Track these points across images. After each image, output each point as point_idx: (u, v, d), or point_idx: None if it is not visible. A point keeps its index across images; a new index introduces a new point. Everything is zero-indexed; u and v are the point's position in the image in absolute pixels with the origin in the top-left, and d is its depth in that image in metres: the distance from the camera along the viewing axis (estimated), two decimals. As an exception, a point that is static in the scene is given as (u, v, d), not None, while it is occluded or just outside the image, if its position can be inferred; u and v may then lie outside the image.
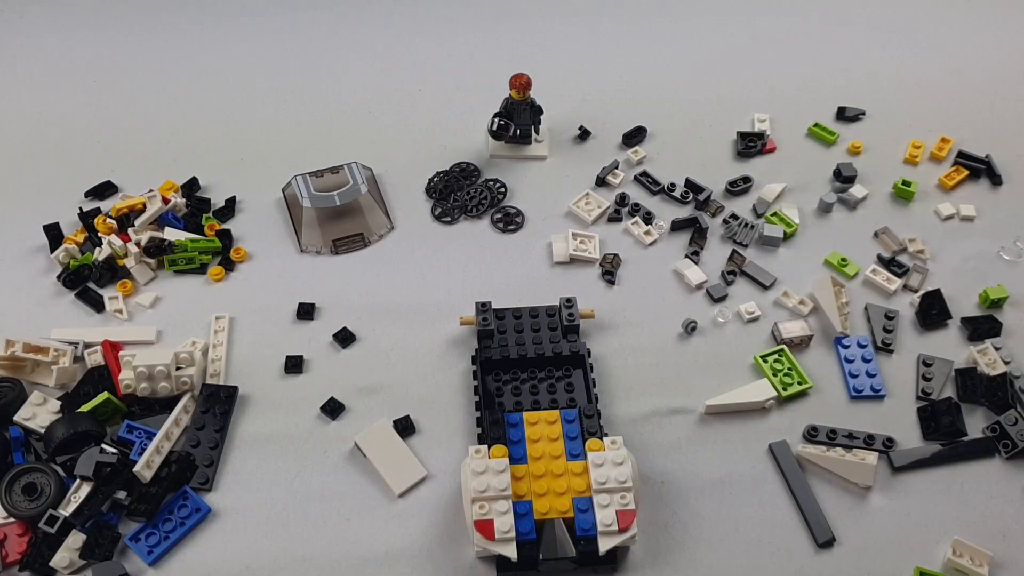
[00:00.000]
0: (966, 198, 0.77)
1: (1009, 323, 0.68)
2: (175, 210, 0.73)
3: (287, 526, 0.57)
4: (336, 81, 0.87)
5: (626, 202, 0.76)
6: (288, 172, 0.76)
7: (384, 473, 0.59)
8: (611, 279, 0.70)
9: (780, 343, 0.66)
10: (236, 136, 0.82)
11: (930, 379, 0.64)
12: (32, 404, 0.60)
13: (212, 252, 0.72)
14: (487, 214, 0.76)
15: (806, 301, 0.69)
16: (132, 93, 0.86)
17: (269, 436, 0.61)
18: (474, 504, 0.53)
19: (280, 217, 0.75)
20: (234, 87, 0.87)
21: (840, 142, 0.82)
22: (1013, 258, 0.73)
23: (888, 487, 0.59)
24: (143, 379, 0.60)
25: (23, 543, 0.55)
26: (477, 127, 0.82)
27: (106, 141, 0.81)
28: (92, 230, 0.72)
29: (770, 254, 0.73)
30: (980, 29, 0.93)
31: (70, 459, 0.57)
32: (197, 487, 0.58)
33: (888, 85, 0.87)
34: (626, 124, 0.82)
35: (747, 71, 0.89)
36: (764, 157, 0.81)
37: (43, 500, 0.55)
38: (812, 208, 0.76)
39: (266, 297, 0.69)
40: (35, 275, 0.70)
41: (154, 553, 0.55)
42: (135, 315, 0.68)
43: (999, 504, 0.59)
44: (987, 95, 0.86)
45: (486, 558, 0.55)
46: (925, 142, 0.81)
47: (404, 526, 0.57)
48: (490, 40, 0.92)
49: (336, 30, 0.92)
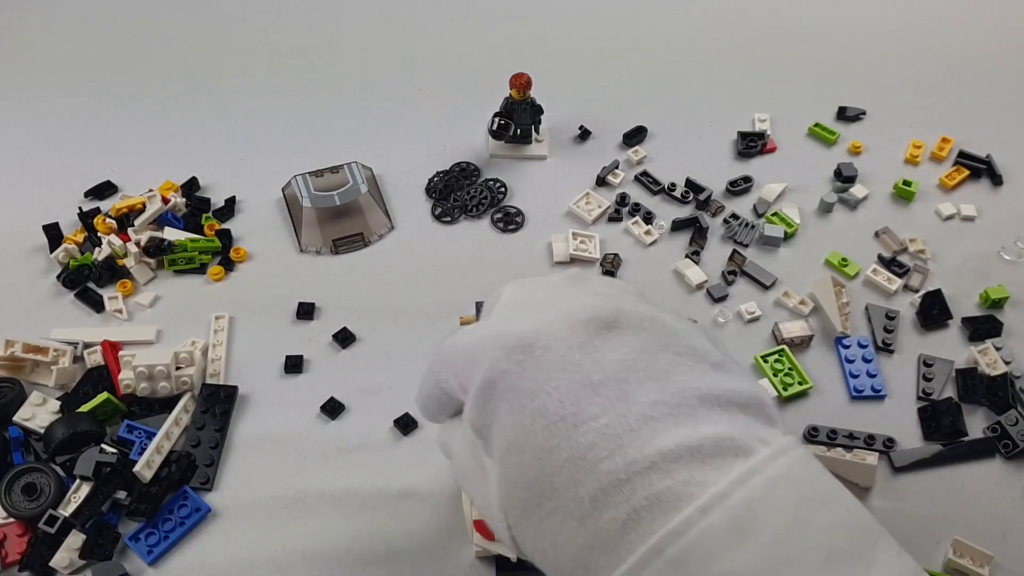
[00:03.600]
0: (967, 198, 0.77)
1: (1010, 323, 0.68)
2: (175, 210, 0.73)
3: (287, 526, 0.57)
4: (336, 80, 0.87)
5: (626, 202, 0.76)
6: (288, 172, 0.76)
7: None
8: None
9: (780, 343, 0.66)
10: (236, 136, 0.82)
11: (931, 379, 0.64)
12: (31, 404, 0.60)
13: (212, 252, 0.72)
14: (487, 214, 0.75)
15: (807, 301, 0.69)
16: (132, 93, 0.86)
17: (269, 436, 0.61)
18: (474, 504, 0.53)
19: (280, 217, 0.75)
20: (233, 86, 0.87)
21: (841, 142, 0.82)
22: (1014, 258, 0.72)
23: (889, 487, 0.59)
24: (143, 379, 0.60)
25: (23, 543, 0.55)
26: (477, 127, 0.82)
27: (105, 141, 0.81)
28: (92, 230, 0.72)
29: (771, 254, 0.73)
30: (981, 29, 0.93)
31: (70, 459, 0.57)
32: (197, 487, 0.58)
33: (889, 84, 0.87)
34: (626, 124, 0.82)
35: (747, 71, 0.89)
36: (765, 157, 0.81)
37: (43, 500, 0.55)
38: (813, 208, 0.76)
39: (266, 297, 0.69)
40: (34, 275, 0.70)
41: (154, 553, 0.55)
42: (135, 315, 0.68)
43: (1000, 504, 0.59)
44: (988, 95, 0.86)
45: (486, 558, 0.55)
46: (926, 142, 0.81)
47: (404, 526, 0.57)
48: (490, 40, 0.92)
49: (336, 29, 0.92)
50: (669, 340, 0.34)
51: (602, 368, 0.32)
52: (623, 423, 0.31)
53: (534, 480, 0.32)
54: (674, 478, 0.30)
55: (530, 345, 0.33)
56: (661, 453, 0.30)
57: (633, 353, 0.33)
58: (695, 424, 0.31)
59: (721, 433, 0.31)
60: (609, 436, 0.31)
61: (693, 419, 0.31)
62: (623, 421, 0.31)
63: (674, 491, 0.30)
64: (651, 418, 0.31)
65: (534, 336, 0.33)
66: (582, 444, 0.31)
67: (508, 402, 0.33)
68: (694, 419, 0.31)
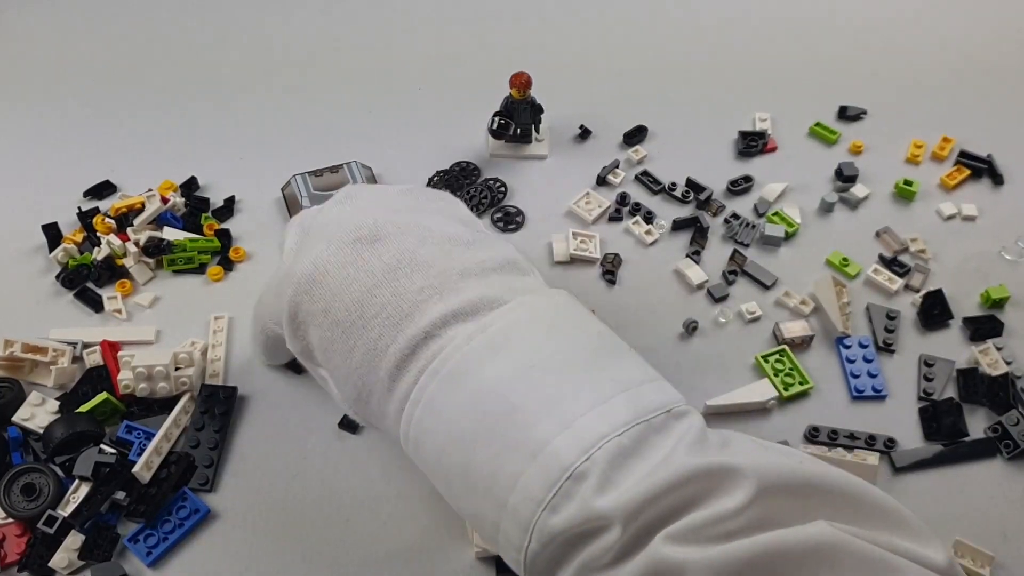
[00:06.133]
0: (968, 198, 0.77)
1: (1011, 323, 0.68)
2: (174, 209, 0.73)
3: (287, 526, 0.57)
4: (336, 79, 0.87)
5: (627, 201, 0.76)
6: (287, 171, 0.76)
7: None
8: (612, 279, 0.70)
9: (781, 343, 0.66)
10: (235, 135, 0.82)
11: (932, 379, 0.64)
12: (30, 404, 0.60)
13: (211, 252, 0.71)
14: (487, 213, 0.75)
15: (807, 301, 0.69)
16: (131, 92, 0.86)
17: (269, 437, 0.61)
18: None
19: (279, 216, 0.75)
20: (233, 85, 0.86)
21: (841, 141, 0.82)
22: (1015, 258, 0.72)
23: (890, 488, 0.59)
24: (142, 379, 0.60)
25: (22, 543, 0.55)
26: (477, 127, 0.82)
27: (104, 140, 0.81)
28: (91, 230, 0.72)
29: (771, 254, 0.73)
30: (982, 28, 0.93)
31: (69, 459, 0.57)
32: (196, 488, 0.58)
33: (890, 84, 0.87)
34: (626, 123, 0.82)
35: (748, 70, 0.89)
36: (765, 156, 0.81)
37: (42, 500, 0.55)
38: (813, 208, 0.76)
39: (265, 297, 0.69)
40: (33, 275, 0.70)
41: (153, 554, 0.55)
42: (134, 315, 0.68)
43: (1001, 505, 0.58)
44: (989, 95, 0.86)
45: (486, 558, 0.55)
46: (927, 141, 0.81)
47: (404, 526, 0.57)
48: (490, 40, 0.91)
49: (335, 29, 0.92)
50: (426, 235, 0.41)
51: (372, 275, 0.39)
52: (399, 312, 0.39)
53: (349, 376, 0.40)
54: (444, 338, 0.38)
55: (311, 277, 0.41)
56: (432, 323, 0.38)
57: (397, 255, 0.40)
58: (457, 295, 0.39)
59: (478, 293, 0.39)
60: (390, 325, 0.39)
61: (455, 291, 0.39)
62: (399, 311, 0.39)
63: (444, 347, 0.38)
64: (420, 301, 0.39)
65: (312, 268, 0.41)
66: (372, 338, 0.39)
67: (311, 324, 0.41)
68: (456, 291, 0.39)
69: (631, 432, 0.35)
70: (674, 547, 0.32)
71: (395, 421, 0.40)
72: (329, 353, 0.41)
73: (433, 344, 0.38)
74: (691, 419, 0.37)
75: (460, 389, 0.37)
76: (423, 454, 0.39)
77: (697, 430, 0.36)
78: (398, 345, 0.38)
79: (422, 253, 0.40)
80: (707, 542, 0.32)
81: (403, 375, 0.38)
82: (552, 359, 0.37)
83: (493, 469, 0.36)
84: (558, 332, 0.38)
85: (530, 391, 0.36)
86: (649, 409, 0.36)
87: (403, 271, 0.40)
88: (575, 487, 0.34)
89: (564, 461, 0.34)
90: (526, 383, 0.36)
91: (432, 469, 0.40)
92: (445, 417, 0.37)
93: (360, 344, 0.39)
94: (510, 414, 0.35)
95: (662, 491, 0.33)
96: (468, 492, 0.38)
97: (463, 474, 0.37)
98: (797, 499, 0.34)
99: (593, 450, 0.34)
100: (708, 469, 0.34)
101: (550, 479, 0.34)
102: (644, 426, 0.35)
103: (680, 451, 0.35)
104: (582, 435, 0.34)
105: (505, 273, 0.42)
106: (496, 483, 0.36)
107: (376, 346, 0.39)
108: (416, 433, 0.39)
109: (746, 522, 0.32)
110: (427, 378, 0.37)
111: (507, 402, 0.35)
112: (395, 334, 0.38)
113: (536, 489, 0.34)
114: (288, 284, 0.42)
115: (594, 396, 0.36)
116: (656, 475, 0.34)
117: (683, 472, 0.33)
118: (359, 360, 0.39)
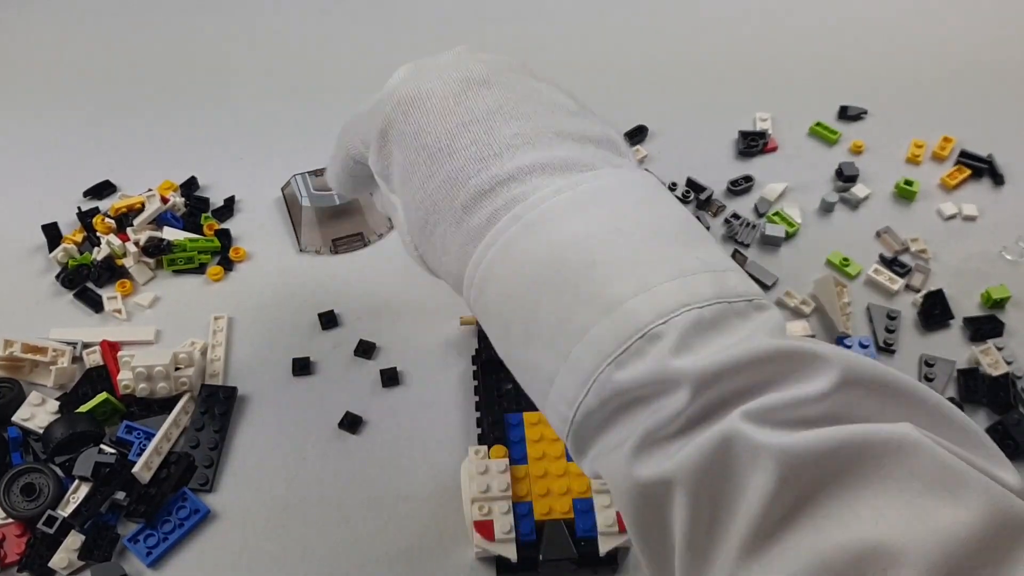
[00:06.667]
0: (968, 198, 0.77)
1: (1011, 323, 0.68)
2: (174, 209, 0.73)
3: (287, 526, 0.57)
4: (335, 79, 0.87)
5: (627, 201, 0.75)
6: (287, 171, 0.76)
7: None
8: (612, 279, 0.70)
9: (781, 343, 0.66)
10: (235, 135, 0.82)
11: (932, 379, 0.64)
12: (30, 404, 0.60)
13: (211, 252, 0.71)
14: (487, 213, 0.75)
15: (808, 301, 0.69)
16: (131, 92, 0.86)
17: (268, 437, 0.61)
18: (474, 505, 0.53)
19: (279, 217, 0.75)
20: (232, 85, 0.86)
21: (842, 141, 0.82)
22: (1015, 258, 0.72)
23: (890, 488, 0.59)
24: (142, 379, 0.60)
25: (22, 543, 0.55)
26: (477, 126, 0.81)
27: (104, 140, 0.81)
28: (91, 230, 0.72)
29: (772, 254, 0.73)
30: (983, 28, 0.93)
31: (69, 459, 0.57)
32: (196, 488, 0.58)
33: (890, 84, 0.87)
34: (627, 123, 0.82)
35: (748, 70, 0.88)
36: (766, 156, 0.81)
37: (42, 501, 0.55)
38: (814, 208, 0.76)
39: (265, 297, 0.69)
40: (33, 275, 0.70)
41: (153, 554, 0.55)
42: (134, 315, 0.68)
43: (1002, 505, 0.58)
44: (990, 95, 0.86)
45: (486, 559, 0.55)
46: (927, 141, 0.81)
47: (404, 526, 0.57)
48: (490, 40, 0.91)
49: (335, 28, 0.92)
50: (532, 95, 0.41)
51: (472, 112, 0.39)
52: (488, 150, 0.38)
53: (422, 201, 0.39)
54: (527, 184, 0.36)
55: (413, 98, 0.40)
56: (518, 168, 0.37)
57: (500, 101, 0.39)
58: (550, 150, 0.38)
59: (572, 155, 0.38)
60: (476, 159, 0.38)
61: (548, 147, 0.38)
62: (488, 149, 0.38)
63: (527, 194, 0.36)
64: (512, 146, 0.38)
65: (416, 91, 0.40)
66: (455, 167, 0.38)
67: (398, 144, 0.40)
68: (549, 147, 0.38)
69: (712, 308, 0.33)
70: (752, 426, 0.30)
71: (455, 258, 0.39)
72: (408, 176, 0.40)
73: (515, 187, 0.37)
74: (773, 312, 0.36)
75: (540, 238, 0.35)
76: (485, 298, 0.37)
77: (778, 321, 0.35)
78: (480, 179, 0.37)
79: (524, 107, 0.40)
80: (784, 426, 0.30)
81: (477, 209, 0.37)
82: (639, 227, 0.35)
83: (561, 319, 0.34)
84: (647, 204, 0.37)
85: (612, 250, 0.34)
86: (733, 293, 0.34)
87: (502, 116, 0.39)
88: (648, 346, 0.32)
89: (640, 320, 0.32)
90: (609, 244, 0.34)
91: (491, 315, 0.38)
92: (519, 262, 0.36)
93: (441, 171, 0.38)
94: (589, 267, 0.34)
95: (743, 364, 0.31)
96: (527, 341, 0.36)
97: (526, 321, 0.36)
98: (878, 397, 0.32)
99: (672, 316, 0.32)
100: (791, 351, 0.31)
101: (622, 335, 0.32)
102: (726, 306, 0.33)
103: (761, 333, 0.33)
104: (662, 299, 0.33)
105: (602, 147, 0.41)
106: (561, 332, 0.34)
107: (458, 176, 0.38)
108: (483, 275, 0.37)
109: (826, 410, 0.30)
110: (507, 222, 0.36)
111: (588, 256, 0.34)
112: (479, 168, 0.37)
113: (606, 342, 0.33)
114: (387, 102, 0.41)
115: (678, 268, 0.34)
116: (737, 348, 0.32)
117: (765, 349, 0.31)
118: (436, 186, 0.38)
